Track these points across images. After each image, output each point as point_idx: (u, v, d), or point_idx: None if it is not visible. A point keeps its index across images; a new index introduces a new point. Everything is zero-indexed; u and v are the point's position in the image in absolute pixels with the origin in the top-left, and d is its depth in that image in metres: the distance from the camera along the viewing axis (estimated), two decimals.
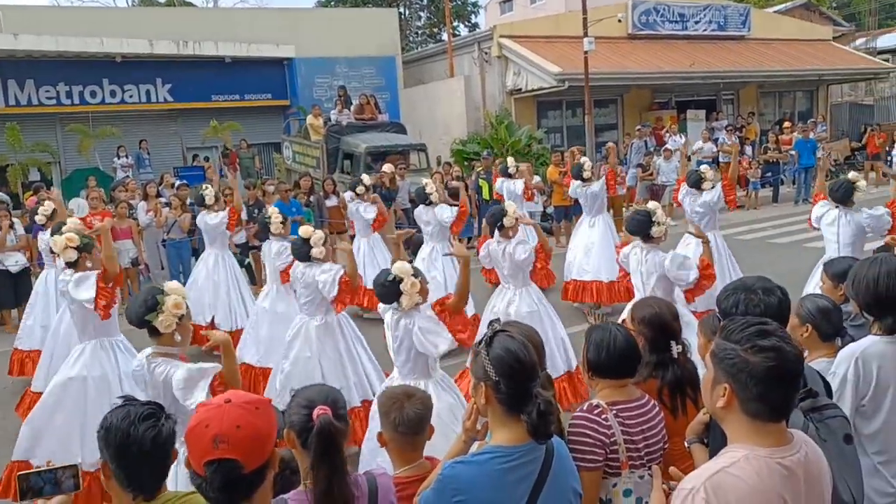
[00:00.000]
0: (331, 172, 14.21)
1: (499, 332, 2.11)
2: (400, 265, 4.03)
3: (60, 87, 18.00)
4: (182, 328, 3.35)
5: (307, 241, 5.37)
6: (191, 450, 1.60)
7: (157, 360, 3.25)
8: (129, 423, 2.01)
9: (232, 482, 1.56)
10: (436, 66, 22.94)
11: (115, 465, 2.02)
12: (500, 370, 2.01)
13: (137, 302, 3.36)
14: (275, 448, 1.66)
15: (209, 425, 1.57)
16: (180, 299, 3.33)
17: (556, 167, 13.22)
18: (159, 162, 17.47)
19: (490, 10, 37.96)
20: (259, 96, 20.16)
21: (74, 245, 4.81)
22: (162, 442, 2.01)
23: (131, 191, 11.41)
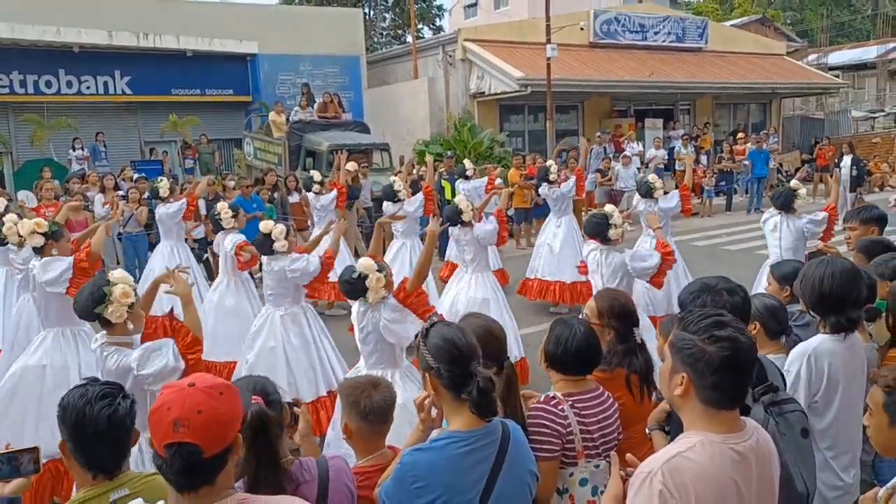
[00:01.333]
0: (293, 169, 14.11)
1: (434, 323, 2.22)
2: (364, 261, 4.11)
3: (14, 76, 17.49)
4: (133, 316, 3.31)
5: (268, 236, 5.40)
6: (153, 431, 1.59)
7: (110, 349, 3.21)
8: (86, 402, 2.04)
9: (191, 466, 1.56)
10: (400, 67, 22.96)
11: (71, 443, 2.05)
12: (439, 357, 2.11)
13: (84, 295, 3.30)
14: (238, 434, 1.65)
15: (171, 408, 1.56)
16: (128, 288, 3.29)
17: (518, 170, 13.39)
18: (116, 155, 17.15)
19: (454, 14, 38.10)
20: (220, 91, 19.88)
21: (42, 231, 4.72)
22: (118, 421, 2.03)
23: (92, 183, 11.17)
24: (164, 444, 1.55)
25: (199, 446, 1.54)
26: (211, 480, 1.61)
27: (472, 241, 6.51)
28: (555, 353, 2.74)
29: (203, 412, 1.55)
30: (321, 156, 14.29)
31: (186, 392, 1.58)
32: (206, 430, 1.55)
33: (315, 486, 2.14)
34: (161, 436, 1.56)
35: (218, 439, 1.57)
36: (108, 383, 2.12)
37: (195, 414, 1.54)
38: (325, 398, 5.24)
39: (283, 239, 5.41)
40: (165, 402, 1.58)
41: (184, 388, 1.59)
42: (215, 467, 1.60)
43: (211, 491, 1.61)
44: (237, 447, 1.65)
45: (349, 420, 2.55)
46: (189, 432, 1.53)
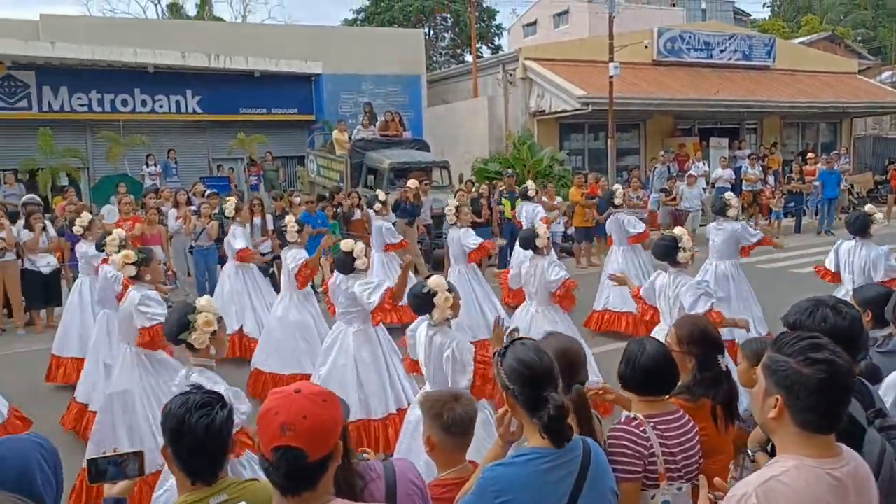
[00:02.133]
0: (354, 186, 14.35)
1: (514, 341, 2.22)
2: (436, 279, 4.15)
3: (92, 95, 18.32)
4: (216, 341, 3.44)
5: (350, 254, 5.47)
6: (260, 435, 1.65)
7: (194, 371, 3.37)
8: (186, 411, 2.10)
9: (296, 469, 1.61)
10: (459, 85, 23.16)
11: (171, 450, 2.12)
12: (513, 378, 2.12)
13: (172, 321, 3.48)
14: (339, 441, 1.71)
15: (278, 412, 1.62)
16: (211, 316, 3.43)
17: (579, 189, 13.29)
18: (186, 171, 17.71)
19: (514, 33, 38.36)
20: (285, 110, 20.43)
21: (132, 261, 4.92)
22: (215, 431, 2.08)
23: (165, 198, 11.59)
24: (272, 448, 1.61)
25: (304, 450, 1.60)
26: (313, 485, 1.66)
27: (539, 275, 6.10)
28: (625, 372, 2.72)
29: (308, 418, 1.60)
30: (382, 173, 14.48)
31: (293, 398, 1.64)
32: (311, 435, 1.60)
33: (382, 483, 2.17)
34: (268, 439, 1.62)
35: (321, 444, 1.62)
36: (209, 392, 2.18)
37: (301, 419, 1.60)
38: (395, 416, 5.26)
39: (363, 257, 5.51)
40: (273, 406, 1.64)
41: (290, 394, 1.66)
42: (318, 472, 1.65)
43: (313, 496, 1.66)
44: (338, 454, 1.70)
45: (431, 432, 2.58)
46: (295, 436, 1.59)
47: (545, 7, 36.08)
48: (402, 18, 31.03)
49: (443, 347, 3.98)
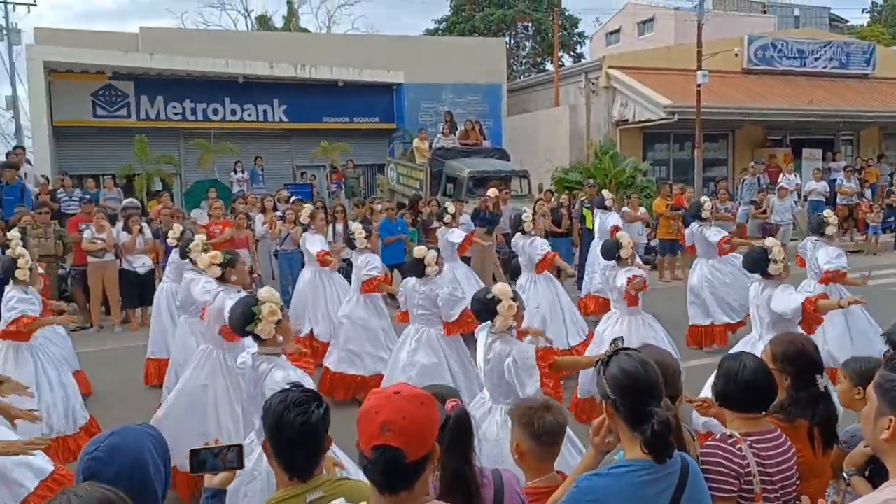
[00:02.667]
0: (434, 195, 14.43)
1: (618, 351, 2.17)
2: (501, 286, 4.14)
3: (186, 104, 19.19)
4: (282, 329, 3.51)
5: (421, 262, 5.60)
6: (361, 433, 1.68)
7: (261, 358, 3.44)
8: (284, 407, 2.17)
9: (394, 468, 1.63)
10: (540, 94, 23.03)
11: (270, 444, 2.19)
12: (617, 389, 2.07)
13: (237, 314, 3.55)
14: (436, 443, 1.72)
15: (378, 412, 1.65)
16: (274, 306, 3.49)
17: (664, 199, 12.95)
18: (271, 178, 18.24)
19: (596, 42, 37.90)
20: (367, 119, 20.83)
21: (218, 262, 5.08)
22: (311, 428, 2.14)
23: (250, 203, 11.96)
24: (371, 446, 1.64)
25: (403, 450, 1.62)
26: (410, 485, 1.68)
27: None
28: (726, 388, 2.63)
29: (407, 418, 1.64)
30: (462, 182, 14.52)
31: (393, 398, 1.67)
32: (410, 435, 1.63)
33: (491, 490, 2.19)
34: (368, 437, 1.65)
35: (419, 445, 1.65)
36: (307, 390, 2.23)
37: (400, 419, 1.63)
38: None
39: (433, 265, 5.58)
40: (374, 406, 1.67)
41: (390, 394, 1.69)
42: (415, 472, 1.67)
43: (409, 496, 1.68)
44: (435, 455, 1.71)
45: (521, 440, 2.57)
46: (394, 436, 1.62)
47: (629, 15, 35.53)
48: (483, 28, 31.14)
49: (503, 355, 3.95)
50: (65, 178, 14.03)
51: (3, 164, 13.12)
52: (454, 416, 2.05)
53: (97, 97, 18.34)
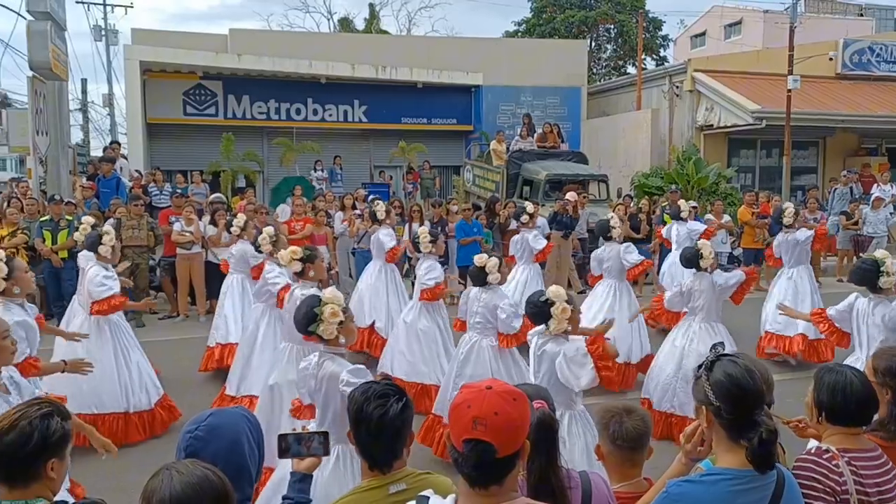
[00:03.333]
0: (510, 197, 14.37)
1: (721, 356, 2.11)
2: (555, 289, 4.11)
3: (271, 104, 19.79)
4: (345, 330, 3.53)
5: (483, 269, 5.53)
6: (452, 426, 1.70)
7: (326, 356, 3.48)
8: (365, 399, 2.21)
9: (485, 463, 1.65)
10: (621, 98, 22.63)
11: (353, 434, 2.24)
12: (721, 395, 2.01)
13: (300, 314, 3.59)
14: (526, 440, 1.72)
15: (471, 406, 1.66)
16: (337, 307, 3.51)
17: (749, 207, 12.51)
18: (350, 177, 18.59)
19: (680, 44, 36.97)
20: (445, 121, 20.97)
21: (298, 257, 5.19)
22: (388, 422, 2.17)
23: (329, 201, 12.21)
24: (463, 439, 1.65)
25: (494, 445, 1.63)
26: (500, 480, 1.68)
27: (708, 289, 6.08)
28: (833, 402, 2.50)
29: (499, 414, 1.64)
30: (538, 185, 14.41)
31: (485, 394, 1.68)
32: (501, 430, 1.64)
33: (579, 493, 2.18)
34: (460, 431, 1.66)
35: (511, 441, 1.65)
36: (390, 385, 2.26)
37: (492, 415, 1.64)
38: None
39: (496, 272, 5.53)
40: (465, 400, 1.69)
41: (482, 389, 1.70)
42: (506, 468, 1.68)
43: (499, 490, 1.69)
44: (525, 452, 1.72)
45: (602, 442, 2.56)
46: (486, 431, 1.63)
47: (715, 17, 34.50)
48: (563, 30, 30.83)
49: (554, 356, 3.92)
50: (156, 172, 14.66)
51: (101, 159, 13.82)
52: (538, 417, 2.04)
53: (188, 96, 19.12)
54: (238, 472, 1.87)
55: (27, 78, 11.97)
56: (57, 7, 11.34)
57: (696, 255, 6.13)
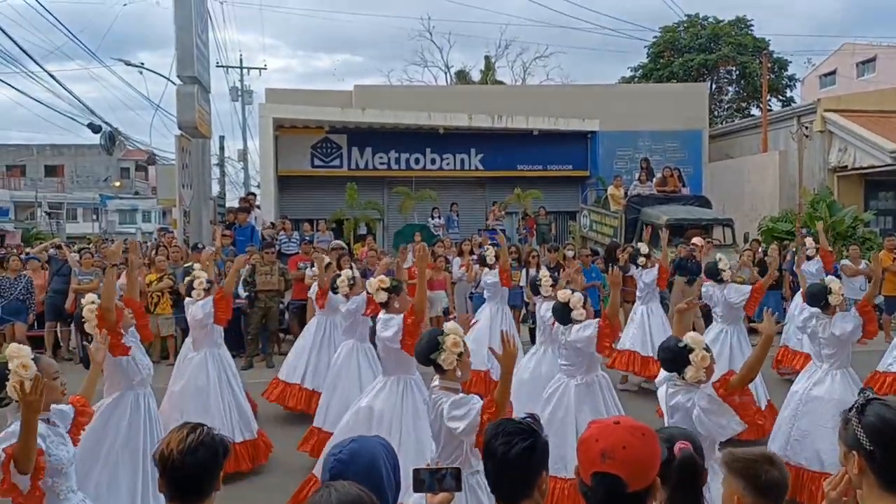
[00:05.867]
0: (628, 242, 14.10)
1: (872, 399, 2.02)
2: (693, 335, 3.95)
3: (391, 154, 20.56)
4: (462, 364, 3.60)
5: (566, 305, 5.45)
6: (581, 460, 1.71)
7: (440, 393, 3.52)
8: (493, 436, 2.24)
9: (614, 497, 1.65)
10: (745, 140, 21.87)
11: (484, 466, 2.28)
12: (876, 439, 1.92)
13: (423, 342, 3.70)
14: (657, 478, 1.70)
15: (598, 440, 1.68)
16: (458, 338, 3.60)
17: (890, 253, 11.66)
18: (465, 223, 18.89)
19: (808, 84, 35.38)
20: (561, 167, 20.99)
21: (385, 287, 5.37)
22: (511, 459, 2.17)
23: (447, 247, 12.46)
24: (591, 473, 1.67)
25: (623, 479, 1.64)
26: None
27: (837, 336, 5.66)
28: None
29: (627, 448, 1.65)
30: (658, 229, 14.05)
31: (613, 428, 1.70)
32: (630, 465, 1.64)
33: None
34: (588, 464, 1.68)
35: (641, 476, 1.66)
36: (521, 424, 2.27)
37: (621, 449, 1.65)
38: None
39: (580, 308, 5.40)
40: (593, 434, 1.71)
41: (610, 424, 1.72)
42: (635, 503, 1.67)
43: None
44: (656, 491, 1.71)
45: (743, 494, 2.38)
46: (615, 464, 1.64)
47: (846, 55, 32.86)
48: (682, 74, 30.27)
49: (689, 408, 3.74)
50: (285, 221, 15.52)
51: (238, 209, 14.80)
52: (681, 458, 2.00)
53: (315, 149, 20.21)
54: (376, 495, 1.95)
55: (175, 136, 13.10)
56: (203, 71, 12.42)
57: (823, 291, 5.74)
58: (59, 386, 3.35)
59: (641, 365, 8.51)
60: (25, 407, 2.86)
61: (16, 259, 10.97)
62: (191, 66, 11.93)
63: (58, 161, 48.97)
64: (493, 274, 8.85)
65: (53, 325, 10.80)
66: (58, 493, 3.19)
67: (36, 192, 42.72)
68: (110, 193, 47.79)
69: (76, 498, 3.32)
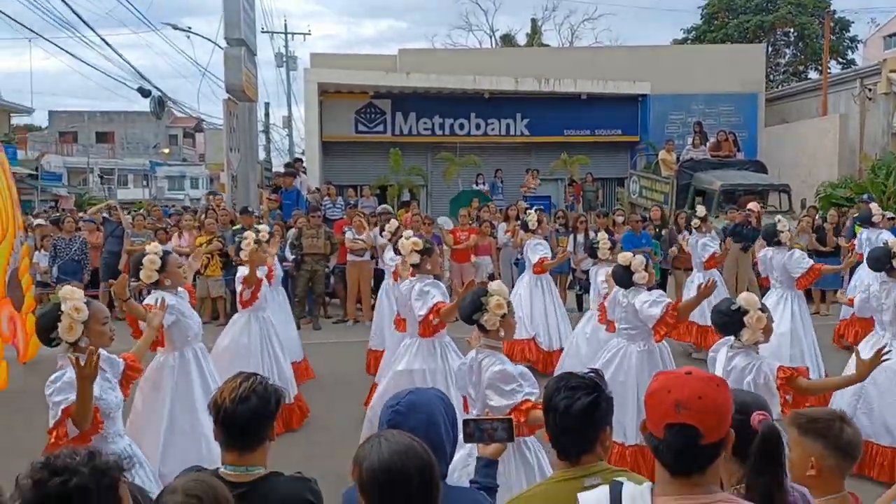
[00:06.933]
0: (680, 208, 13.75)
1: None
2: (748, 296, 3.87)
3: (435, 120, 20.37)
4: (506, 324, 3.57)
5: (627, 268, 5.30)
6: (651, 413, 1.65)
7: (484, 351, 3.51)
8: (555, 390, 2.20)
9: (689, 448, 1.59)
10: (803, 104, 21.04)
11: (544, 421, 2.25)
12: None
13: (466, 301, 3.67)
14: (731, 429, 1.63)
15: (671, 391, 1.61)
16: (502, 300, 3.56)
17: None
18: (510, 189, 18.65)
19: (871, 45, 33.85)
20: (609, 132, 20.53)
21: (418, 249, 5.27)
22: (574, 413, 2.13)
23: (492, 212, 12.31)
24: (665, 425, 1.60)
25: (699, 429, 1.57)
26: (703, 469, 1.62)
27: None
28: None
29: (703, 398, 1.59)
30: (712, 195, 13.68)
31: (685, 378, 1.63)
32: (706, 414, 1.58)
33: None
34: (660, 416, 1.61)
35: (716, 427, 1.59)
36: (584, 378, 2.21)
37: (696, 399, 1.59)
38: None
39: (642, 271, 5.26)
40: (665, 385, 1.64)
41: (681, 375, 1.65)
42: (709, 456, 1.61)
43: (701, 480, 1.62)
44: (729, 442, 1.64)
45: (821, 455, 2.25)
46: (690, 414, 1.58)
47: None
48: (736, 36, 29.17)
49: (745, 371, 3.64)
50: (329, 187, 15.52)
51: (284, 173, 14.85)
52: (762, 431, 1.86)
53: (359, 114, 20.13)
54: (434, 448, 1.90)
55: (222, 101, 13.14)
56: (249, 34, 12.39)
57: (887, 255, 5.45)
58: (107, 332, 3.47)
59: (698, 334, 8.29)
60: (82, 379, 2.97)
61: (71, 220, 11.21)
62: (238, 29, 11.92)
63: (108, 128, 49.97)
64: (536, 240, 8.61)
65: (108, 284, 11.02)
66: (105, 436, 3.31)
67: (88, 158, 43.79)
68: (159, 160, 48.69)
69: (123, 442, 3.44)
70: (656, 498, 1.63)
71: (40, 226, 11.83)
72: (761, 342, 3.83)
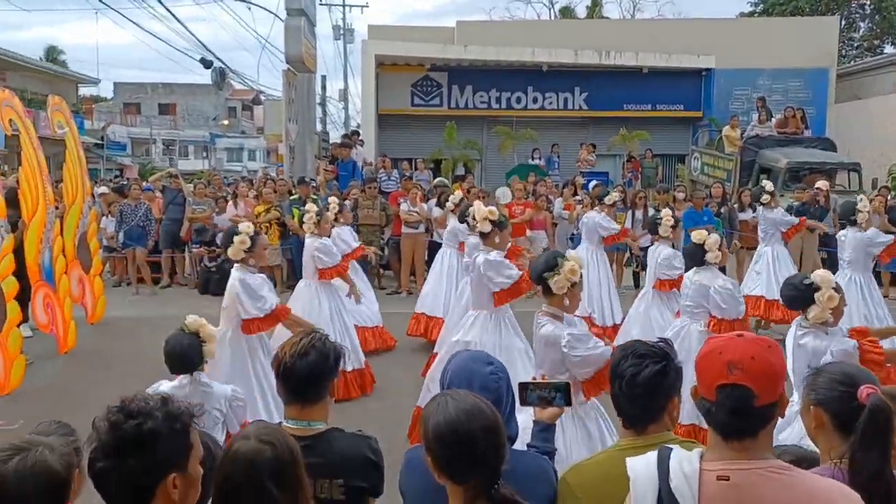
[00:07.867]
0: (743, 185, 13.34)
1: None
2: (823, 273, 3.71)
3: (492, 93, 20.13)
4: (572, 294, 3.47)
5: (701, 246, 5.16)
6: (702, 376, 1.62)
7: (544, 318, 3.42)
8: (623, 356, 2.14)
9: (742, 409, 1.56)
10: (877, 79, 20.11)
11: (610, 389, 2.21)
12: None
13: (541, 260, 3.60)
14: (783, 392, 1.60)
15: (722, 352, 1.59)
16: (577, 267, 3.47)
17: None
18: (566, 165, 18.38)
19: None
20: (671, 107, 20.00)
21: (493, 218, 5.19)
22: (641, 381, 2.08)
23: (549, 187, 12.16)
24: (717, 386, 1.58)
25: (753, 390, 1.55)
26: (756, 432, 1.59)
27: None
28: None
29: (756, 359, 1.57)
30: (777, 173, 13.22)
31: (737, 341, 1.61)
32: (760, 375, 1.56)
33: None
34: (712, 378, 1.59)
35: (769, 388, 1.57)
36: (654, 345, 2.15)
37: (749, 359, 1.57)
38: None
39: (715, 250, 5.13)
40: (716, 347, 1.62)
41: (732, 337, 1.63)
42: (762, 419, 1.59)
43: (753, 445, 1.59)
44: (783, 406, 1.62)
45: None
46: (743, 375, 1.56)
47: None
48: (807, 9, 27.97)
49: (817, 352, 3.50)
50: (384, 159, 15.57)
51: (341, 144, 14.94)
52: (870, 405, 1.77)
53: (416, 87, 20.04)
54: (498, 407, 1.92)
55: (282, 71, 13.26)
56: (309, 4, 12.43)
57: None
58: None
59: (765, 309, 8.08)
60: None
61: (136, 188, 11.51)
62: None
63: (170, 99, 51.05)
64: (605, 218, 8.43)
65: (171, 251, 11.33)
66: None
67: (150, 129, 44.90)
68: (218, 132, 49.61)
69: None
70: (705, 463, 1.60)
71: (104, 194, 12.19)
72: (830, 323, 3.66)
